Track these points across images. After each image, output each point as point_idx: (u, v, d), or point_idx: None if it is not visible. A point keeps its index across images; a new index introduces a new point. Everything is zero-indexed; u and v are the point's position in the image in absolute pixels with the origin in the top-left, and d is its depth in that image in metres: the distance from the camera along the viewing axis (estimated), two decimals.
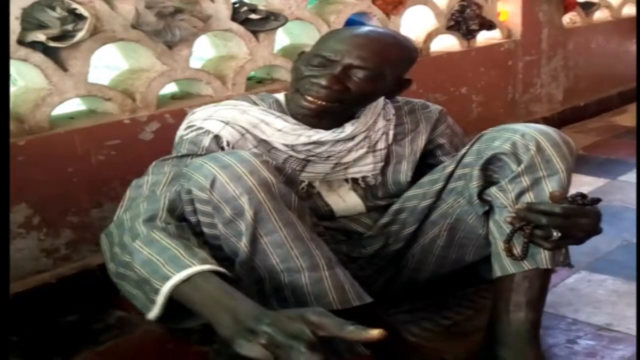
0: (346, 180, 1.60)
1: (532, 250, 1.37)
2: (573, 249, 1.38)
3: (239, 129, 1.49)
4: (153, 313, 1.15)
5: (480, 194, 1.46)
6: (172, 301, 1.13)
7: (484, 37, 3.14)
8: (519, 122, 3.22)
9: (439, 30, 2.90)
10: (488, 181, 1.46)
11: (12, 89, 1.84)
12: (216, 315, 1.08)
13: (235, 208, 1.22)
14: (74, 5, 1.79)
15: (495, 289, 1.43)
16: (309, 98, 1.48)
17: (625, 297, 1.73)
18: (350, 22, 2.55)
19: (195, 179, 1.26)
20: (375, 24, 2.64)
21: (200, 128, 1.48)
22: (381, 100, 1.62)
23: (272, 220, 1.23)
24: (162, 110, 2.00)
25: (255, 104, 1.56)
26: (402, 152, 1.64)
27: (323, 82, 1.46)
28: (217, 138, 1.47)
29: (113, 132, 1.88)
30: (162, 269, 1.13)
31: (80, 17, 1.80)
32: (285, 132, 1.50)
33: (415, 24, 2.88)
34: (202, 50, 2.40)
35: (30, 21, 1.74)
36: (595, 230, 1.39)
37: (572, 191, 1.39)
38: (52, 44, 1.77)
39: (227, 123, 1.48)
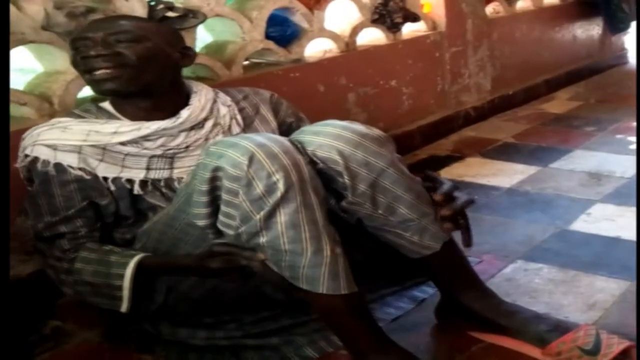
0: None
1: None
2: (509, 239, 1.36)
3: (71, 147, 1.49)
4: (125, 305, 1.44)
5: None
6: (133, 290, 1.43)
7: (409, 30, 3.11)
8: (451, 112, 3.20)
9: (364, 24, 2.86)
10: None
11: None
12: (180, 262, 1.43)
13: (268, 186, 1.27)
14: None
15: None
16: (95, 73, 1.48)
17: (561, 286, 1.71)
18: (273, 18, 2.49)
19: (229, 156, 1.29)
20: (298, 19, 2.58)
21: (36, 158, 1.50)
22: (207, 88, 1.66)
23: (296, 201, 1.28)
24: None
25: (80, 116, 1.55)
26: (261, 131, 1.67)
27: (92, 52, 1.48)
28: (57, 166, 1.49)
29: None
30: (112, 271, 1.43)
31: None
32: (120, 133, 1.50)
33: (339, 18, 2.84)
34: None
35: None
36: None
37: (509, 179, 1.35)
38: None
39: (55, 148, 1.49)
